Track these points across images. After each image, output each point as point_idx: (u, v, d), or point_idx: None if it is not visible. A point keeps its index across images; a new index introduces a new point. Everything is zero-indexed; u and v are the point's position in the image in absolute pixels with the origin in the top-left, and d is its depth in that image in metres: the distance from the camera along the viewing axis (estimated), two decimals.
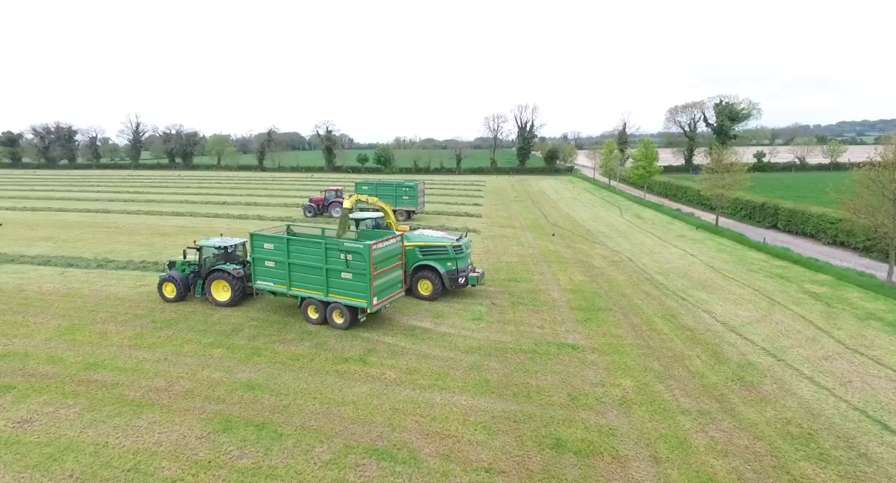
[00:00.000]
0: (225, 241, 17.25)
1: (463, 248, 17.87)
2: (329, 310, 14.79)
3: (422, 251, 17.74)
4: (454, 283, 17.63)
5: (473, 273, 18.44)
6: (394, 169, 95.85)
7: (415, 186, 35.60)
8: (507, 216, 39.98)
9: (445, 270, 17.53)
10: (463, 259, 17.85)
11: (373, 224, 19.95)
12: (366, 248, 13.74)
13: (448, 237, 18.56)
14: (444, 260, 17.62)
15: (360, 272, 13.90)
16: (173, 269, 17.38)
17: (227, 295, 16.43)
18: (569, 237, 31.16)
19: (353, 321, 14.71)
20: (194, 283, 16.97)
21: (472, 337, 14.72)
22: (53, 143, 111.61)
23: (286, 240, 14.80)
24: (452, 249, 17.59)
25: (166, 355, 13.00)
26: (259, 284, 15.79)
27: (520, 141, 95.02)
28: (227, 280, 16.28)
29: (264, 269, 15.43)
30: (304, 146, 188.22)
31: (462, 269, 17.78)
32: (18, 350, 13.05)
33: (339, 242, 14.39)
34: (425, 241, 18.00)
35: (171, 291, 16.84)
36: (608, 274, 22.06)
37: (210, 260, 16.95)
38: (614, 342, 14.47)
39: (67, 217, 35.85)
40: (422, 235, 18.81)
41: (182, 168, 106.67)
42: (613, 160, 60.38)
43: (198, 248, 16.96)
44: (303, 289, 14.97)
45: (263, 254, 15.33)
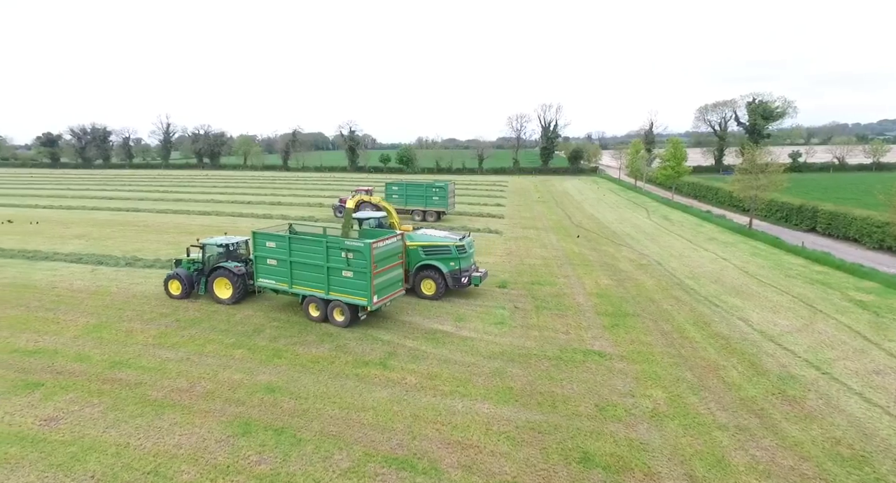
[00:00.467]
0: (227, 240, 17.43)
1: (466, 247, 17.77)
2: (330, 307, 14.83)
3: (425, 251, 17.69)
4: (457, 282, 17.54)
5: (476, 272, 18.28)
6: (416, 169, 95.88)
7: (445, 187, 34.97)
8: (529, 217, 39.35)
9: (448, 270, 17.47)
10: (466, 259, 17.76)
11: (376, 223, 19.92)
12: (366, 247, 13.76)
13: (451, 237, 18.45)
14: (447, 259, 17.57)
15: (360, 270, 13.96)
16: (179, 267, 17.59)
17: (228, 292, 16.55)
18: (594, 239, 30.39)
19: (354, 319, 14.76)
20: (198, 281, 17.13)
21: (495, 342, 14.34)
22: (89, 143, 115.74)
23: (288, 238, 14.91)
24: (455, 249, 17.49)
25: (189, 355, 13.04)
26: (261, 282, 15.86)
27: (543, 141, 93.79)
28: (228, 278, 16.41)
29: (266, 267, 15.54)
30: (327, 146, 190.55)
31: (465, 269, 17.68)
32: (48, 347, 13.30)
33: (340, 241, 14.41)
34: (428, 241, 17.91)
35: (177, 288, 17.09)
36: (636, 278, 21.33)
37: (213, 258, 17.09)
38: (643, 350, 13.87)
39: (100, 215, 36.92)
40: (425, 235, 18.68)
41: (209, 168, 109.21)
42: (640, 160, 58.90)
43: (201, 247, 17.16)
44: (304, 287, 15.06)
45: (265, 252, 15.42)
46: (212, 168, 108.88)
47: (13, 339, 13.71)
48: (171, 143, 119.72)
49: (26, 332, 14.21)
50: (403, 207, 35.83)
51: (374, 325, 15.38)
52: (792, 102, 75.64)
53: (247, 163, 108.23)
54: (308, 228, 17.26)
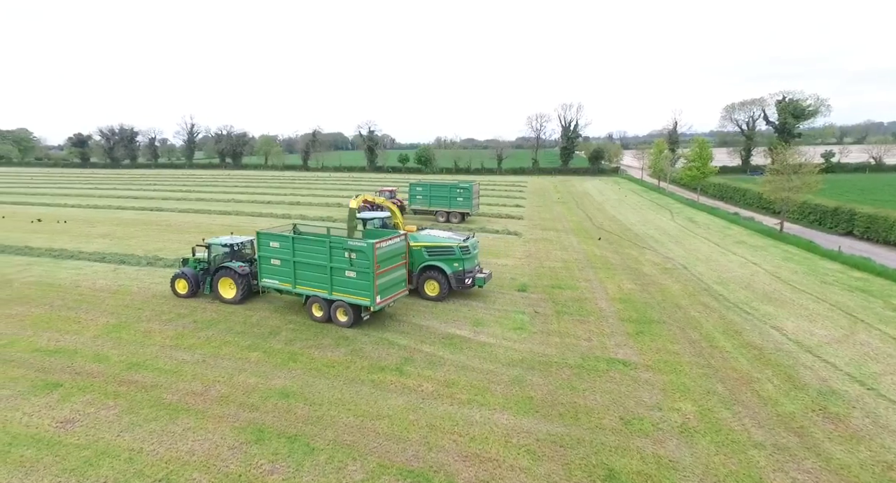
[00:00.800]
0: (232, 240, 17.46)
1: (470, 248, 17.60)
2: (333, 308, 14.80)
3: (428, 251, 17.55)
4: (461, 283, 17.38)
5: (480, 274, 18.05)
6: (434, 169, 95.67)
7: (470, 188, 34.25)
8: (549, 218, 38.66)
9: (452, 271, 17.31)
10: (470, 260, 17.61)
11: (380, 223, 19.75)
12: (369, 247, 13.69)
13: (455, 237, 18.25)
14: (450, 260, 17.42)
15: (363, 271, 13.91)
16: (186, 266, 17.69)
17: (233, 292, 16.59)
18: (616, 242, 29.59)
19: (357, 319, 14.73)
20: (203, 280, 17.18)
21: (514, 348, 13.90)
22: (117, 143, 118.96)
23: (291, 238, 14.91)
24: (459, 250, 17.31)
25: (205, 357, 12.96)
26: (265, 282, 15.89)
27: (563, 141, 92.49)
28: (232, 277, 16.46)
29: (270, 267, 15.56)
30: (347, 146, 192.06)
31: (469, 270, 17.51)
32: (69, 347, 13.39)
33: (343, 241, 14.34)
34: (432, 242, 17.75)
35: (183, 288, 17.21)
36: (660, 282, 20.58)
37: (218, 258, 17.14)
38: (670, 359, 13.24)
39: (124, 215, 37.67)
40: (428, 235, 18.48)
41: (231, 168, 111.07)
42: (663, 160, 57.41)
43: (206, 246, 17.24)
44: (307, 287, 15.06)
45: (269, 252, 15.44)
46: (234, 168, 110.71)
47: (36, 338, 13.87)
48: (195, 143, 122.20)
49: (48, 331, 14.36)
50: (427, 208, 35.39)
51: (390, 328, 15.10)
52: (825, 100, 72.71)
53: (268, 163, 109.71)
54: (313, 228, 17.17)
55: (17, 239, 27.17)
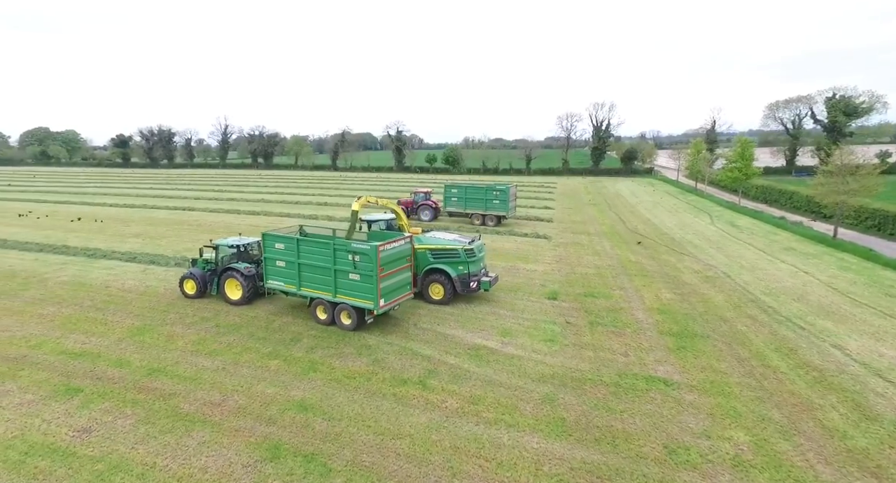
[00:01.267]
0: (240, 241, 17.47)
1: (475, 251, 17.20)
2: (337, 310, 14.69)
3: (433, 254, 17.23)
4: (466, 287, 17.07)
5: (486, 277, 17.68)
6: (461, 169, 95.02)
7: (506, 190, 32.97)
8: (580, 221, 37.36)
9: (457, 274, 16.99)
10: (475, 263, 17.24)
11: (385, 225, 19.37)
12: (373, 250, 13.49)
13: (460, 240, 17.81)
14: (455, 264, 17.07)
15: (367, 273, 13.73)
16: (195, 267, 17.75)
17: (239, 293, 16.61)
18: (652, 247, 28.17)
19: (361, 322, 14.55)
20: (211, 281, 17.24)
21: (545, 362, 13.06)
22: (156, 144, 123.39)
23: (296, 240, 14.79)
24: (464, 253, 16.95)
25: (225, 364, 12.66)
26: (270, 284, 15.84)
27: (595, 140, 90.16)
28: (238, 279, 16.47)
29: (275, 269, 15.50)
30: (375, 146, 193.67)
31: (474, 274, 17.20)
32: (93, 350, 13.35)
33: (347, 243, 14.15)
34: (436, 244, 17.37)
35: (192, 288, 17.28)
36: (702, 292, 19.27)
37: (225, 258, 17.18)
38: (717, 379, 12.13)
39: (158, 214, 38.53)
40: (433, 238, 18.03)
41: (263, 167, 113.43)
42: (701, 161, 54.90)
43: (214, 247, 17.28)
44: (312, 289, 14.92)
45: (274, 253, 15.38)
46: (265, 168, 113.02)
47: (63, 340, 13.91)
48: (229, 143, 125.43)
49: (75, 333, 14.41)
50: (462, 211, 34.54)
51: (414, 337, 14.50)
52: (881, 97, 68.04)
53: (298, 163, 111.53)
54: (319, 230, 17.06)
55: (57, 238, 28.00)
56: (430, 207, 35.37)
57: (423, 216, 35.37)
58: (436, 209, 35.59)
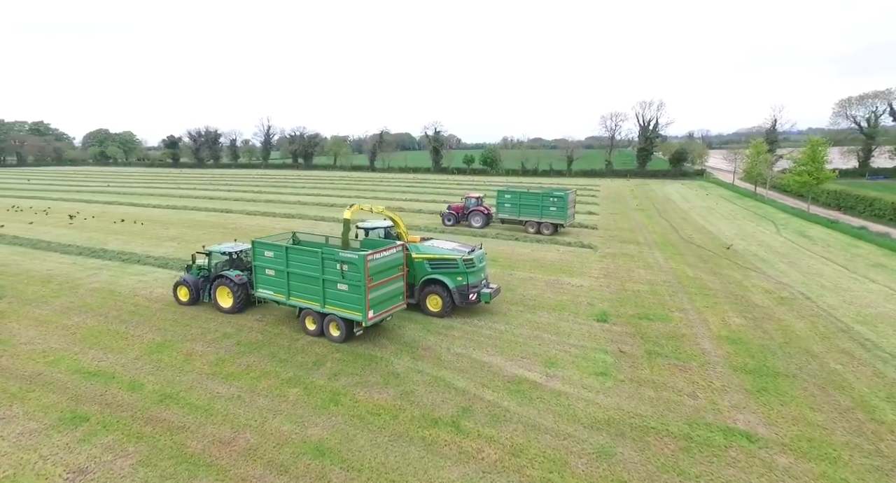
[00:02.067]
0: (233, 247, 17.12)
1: (475, 261, 16.30)
2: (326, 321, 14.21)
3: (430, 264, 16.43)
4: (464, 299, 16.24)
5: (486, 288, 16.79)
6: (499, 170, 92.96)
7: (565, 197, 30.70)
8: (628, 229, 34.81)
9: (455, 285, 16.16)
10: (475, 273, 16.37)
11: (384, 233, 18.35)
12: (360, 259, 12.91)
13: (460, 249, 16.93)
14: (453, 274, 16.23)
15: (354, 284, 13.17)
16: (189, 273, 17.40)
17: (230, 301, 16.24)
18: (710, 259, 25.53)
19: (349, 335, 14.05)
20: (204, 288, 16.90)
21: (597, 402, 11.28)
22: (203, 144, 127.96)
23: (285, 248, 14.37)
24: (462, 263, 16.11)
25: (241, 391, 11.61)
26: (260, 292, 15.41)
27: (641, 141, 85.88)
28: (229, 286, 16.10)
29: (265, 277, 15.09)
30: (413, 146, 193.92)
31: (474, 285, 16.34)
32: (108, 369, 12.63)
33: (335, 252, 13.57)
34: (434, 254, 16.52)
35: (185, 295, 17.03)
36: (777, 317, 16.82)
37: (218, 265, 16.84)
38: (815, 437, 9.99)
39: (196, 216, 38.88)
40: (432, 247, 16.97)
41: (303, 168, 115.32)
42: (762, 163, 50.60)
43: (207, 253, 16.95)
44: (301, 299, 14.46)
45: (264, 261, 14.96)
46: (305, 168, 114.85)
47: (81, 356, 13.31)
48: (271, 144, 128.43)
49: (94, 348, 13.81)
50: (516, 218, 32.48)
51: (447, 364, 13.03)
52: None
53: (336, 163, 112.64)
54: (313, 237, 16.60)
55: (97, 241, 28.36)
56: (481, 213, 33.49)
57: (473, 222, 33.48)
58: (487, 215, 33.73)
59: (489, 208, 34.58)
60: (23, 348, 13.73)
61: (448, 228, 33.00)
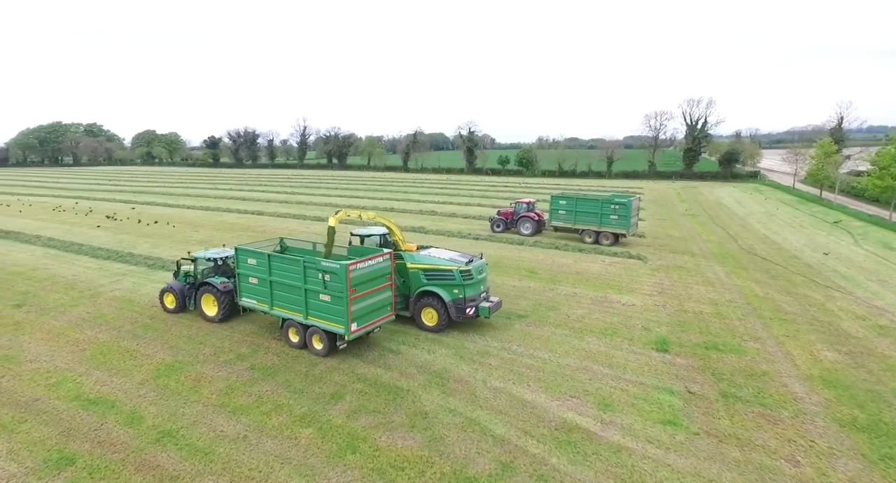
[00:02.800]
0: (218, 253, 16.50)
1: (473, 272, 15.07)
2: (308, 333, 13.53)
3: (426, 275, 15.31)
4: (461, 313, 15.03)
5: (486, 302, 15.52)
6: (535, 171, 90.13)
7: (628, 204, 27.70)
8: (679, 237, 31.88)
9: (451, 299, 14.96)
10: (473, 286, 15.14)
11: (381, 240, 17.00)
12: (342, 269, 12.15)
13: (458, 259, 15.72)
14: (449, 286, 15.02)
15: (336, 294, 12.46)
16: (175, 280, 16.92)
17: (214, 310, 15.66)
18: (780, 274, 22.59)
19: (332, 348, 13.33)
20: (189, 295, 16.37)
21: (668, 463, 9.19)
22: (241, 145, 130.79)
23: (267, 255, 13.75)
24: (459, 274, 14.91)
25: (248, 430, 10.17)
26: (244, 301, 14.78)
27: (688, 141, 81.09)
28: (214, 294, 15.52)
29: (248, 286, 14.46)
30: (447, 146, 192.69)
31: (471, 298, 15.11)
32: (110, 395, 11.48)
33: (316, 261, 12.85)
34: (429, 264, 15.36)
35: (171, 302, 16.51)
36: (881, 352, 14.11)
37: (204, 272, 16.24)
38: None
39: (228, 218, 38.52)
40: (428, 256, 15.76)
41: (337, 168, 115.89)
42: (830, 164, 46.04)
43: (192, 260, 16.42)
44: (284, 309, 13.81)
45: (247, 269, 14.33)
46: (339, 168, 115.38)
47: (84, 379, 12.25)
48: (307, 144, 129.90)
49: (100, 369, 12.76)
50: (570, 226, 29.79)
51: (483, 403, 11.22)
52: None
53: (370, 163, 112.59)
54: (301, 244, 15.96)
55: (127, 244, 28.09)
56: (531, 220, 30.94)
57: (522, 229, 31.10)
58: (538, 222, 31.26)
59: (542, 214, 32.12)
60: (27, 367, 12.83)
61: (496, 235, 31.01)
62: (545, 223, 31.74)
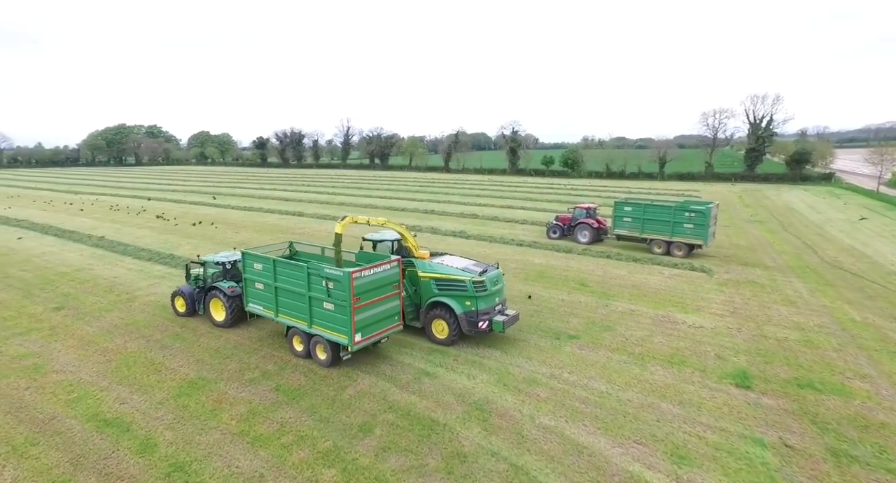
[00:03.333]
0: (226, 257, 16.17)
1: (486, 284, 13.95)
2: (312, 343, 13.07)
3: (437, 284, 14.38)
4: (473, 327, 14.02)
5: (500, 316, 14.32)
6: (581, 172, 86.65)
7: (706, 212, 24.67)
8: (747, 246, 28.78)
9: (463, 311, 14.00)
10: (486, 298, 14.05)
11: (393, 246, 16.01)
12: (345, 276, 11.67)
13: (472, 268, 14.64)
14: (461, 298, 14.04)
15: (340, 303, 11.97)
16: (187, 283, 16.70)
17: (223, 314, 15.40)
18: (879, 294, 19.52)
19: (336, 359, 12.74)
20: (199, 299, 16.14)
21: None
22: (287, 145, 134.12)
23: (272, 260, 13.32)
24: (472, 285, 13.88)
25: (265, 466, 9.07)
26: (250, 307, 14.45)
27: (751, 140, 75.26)
28: (221, 299, 15.24)
29: (255, 291, 14.15)
30: (489, 146, 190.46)
31: (484, 311, 14.02)
32: (126, 416, 10.72)
33: (320, 268, 12.35)
34: (441, 273, 14.40)
35: (181, 306, 16.39)
36: None
37: (212, 276, 15.97)
38: None
39: (269, 219, 38.56)
40: (440, 265, 14.75)
41: (378, 168, 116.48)
42: None
43: (201, 263, 16.28)
44: (289, 317, 13.39)
45: (254, 274, 14.01)
46: (381, 168, 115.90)
47: (105, 395, 11.61)
48: (350, 144, 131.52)
49: (123, 385, 12.11)
50: (637, 235, 26.87)
51: (529, 445, 9.63)
52: None
53: (412, 163, 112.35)
54: (310, 248, 15.52)
55: (170, 244, 28.29)
56: (589, 227, 28.39)
57: (580, 237, 28.68)
58: (597, 230, 28.51)
59: (604, 221, 29.50)
60: (52, 378, 12.37)
61: (541, 241, 29.08)
62: (607, 231, 29.16)
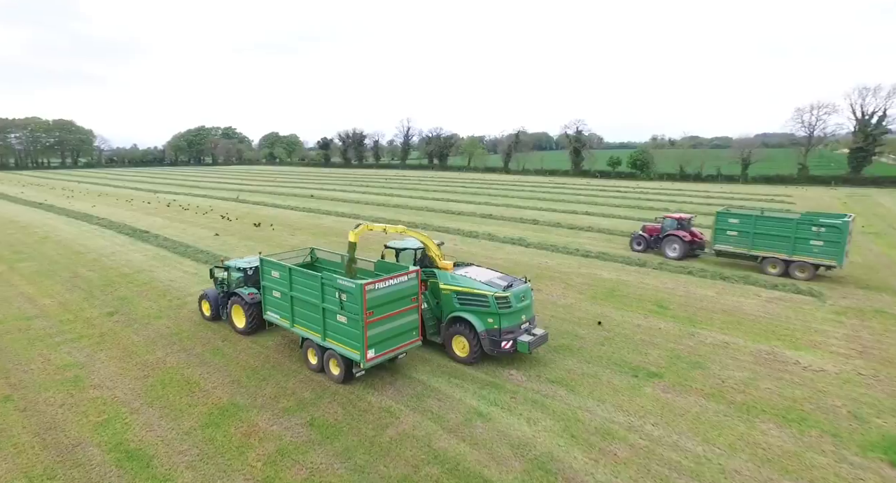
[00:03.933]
0: (249, 263, 15.86)
1: (511, 299, 12.75)
2: (326, 356, 12.42)
3: (458, 298, 13.32)
4: (495, 346, 12.85)
5: (526, 336, 13.02)
6: (651, 174, 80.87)
7: (843, 226, 20.52)
8: (864, 264, 24.33)
9: (484, 328, 12.88)
10: (511, 316, 12.87)
11: (416, 255, 14.73)
12: (357, 288, 11.00)
13: (497, 282, 13.37)
14: (483, 314, 12.94)
15: (352, 316, 11.32)
16: (215, 287, 16.66)
17: (243, 321, 15.13)
18: None
19: (349, 375, 12.04)
20: (223, 304, 16.02)
21: None
22: (349, 146, 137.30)
23: (288, 269, 12.86)
24: (494, 301, 12.70)
25: None
26: (268, 315, 14.09)
27: (858, 138, 66.27)
28: (241, 305, 15.00)
29: (272, 299, 13.83)
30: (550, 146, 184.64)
31: (508, 330, 12.84)
32: (149, 448, 9.80)
33: (333, 278, 11.70)
34: (463, 286, 13.28)
35: (207, 309, 16.32)
36: None
37: (237, 281, 15.70)
38: None
39: (325, 221, 38.37)
40: (463, 277, 13.50)
41: (437, 168, 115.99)
42: None
43: (225, 268, 16.09)
44: (304, 327, 12.88)
45: (271, 282, 13.64)
46: (439, 169, 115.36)
47: (134, 418, 10.85)
48: (410, 144, 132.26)
49: (154, 406, 11.34)
50: (745, 251, 23.05)
51: None
52: None
53: (470, 164, 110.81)
54: (332, 256, 14.95)
55: (228, 246, 28.50)
56: (679, 239, 25.08)
57: (668, 251, 25.46)
58: (690, 243, 25.10)
59: (701, 234, 25.92)
60: (87, 395, 11.84)
61: (609, 253, 26.28)
62: (703, 245, 25.52)
